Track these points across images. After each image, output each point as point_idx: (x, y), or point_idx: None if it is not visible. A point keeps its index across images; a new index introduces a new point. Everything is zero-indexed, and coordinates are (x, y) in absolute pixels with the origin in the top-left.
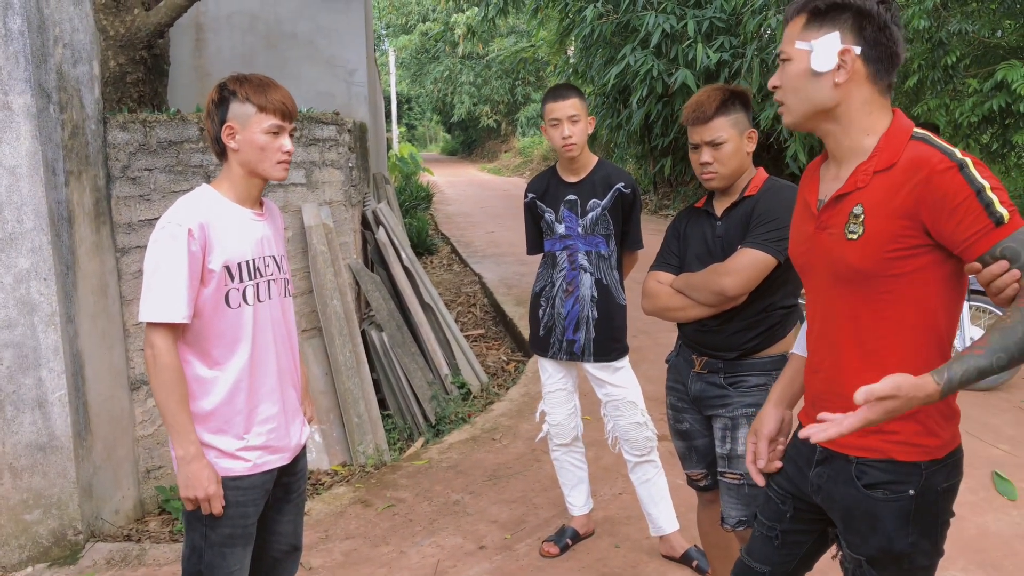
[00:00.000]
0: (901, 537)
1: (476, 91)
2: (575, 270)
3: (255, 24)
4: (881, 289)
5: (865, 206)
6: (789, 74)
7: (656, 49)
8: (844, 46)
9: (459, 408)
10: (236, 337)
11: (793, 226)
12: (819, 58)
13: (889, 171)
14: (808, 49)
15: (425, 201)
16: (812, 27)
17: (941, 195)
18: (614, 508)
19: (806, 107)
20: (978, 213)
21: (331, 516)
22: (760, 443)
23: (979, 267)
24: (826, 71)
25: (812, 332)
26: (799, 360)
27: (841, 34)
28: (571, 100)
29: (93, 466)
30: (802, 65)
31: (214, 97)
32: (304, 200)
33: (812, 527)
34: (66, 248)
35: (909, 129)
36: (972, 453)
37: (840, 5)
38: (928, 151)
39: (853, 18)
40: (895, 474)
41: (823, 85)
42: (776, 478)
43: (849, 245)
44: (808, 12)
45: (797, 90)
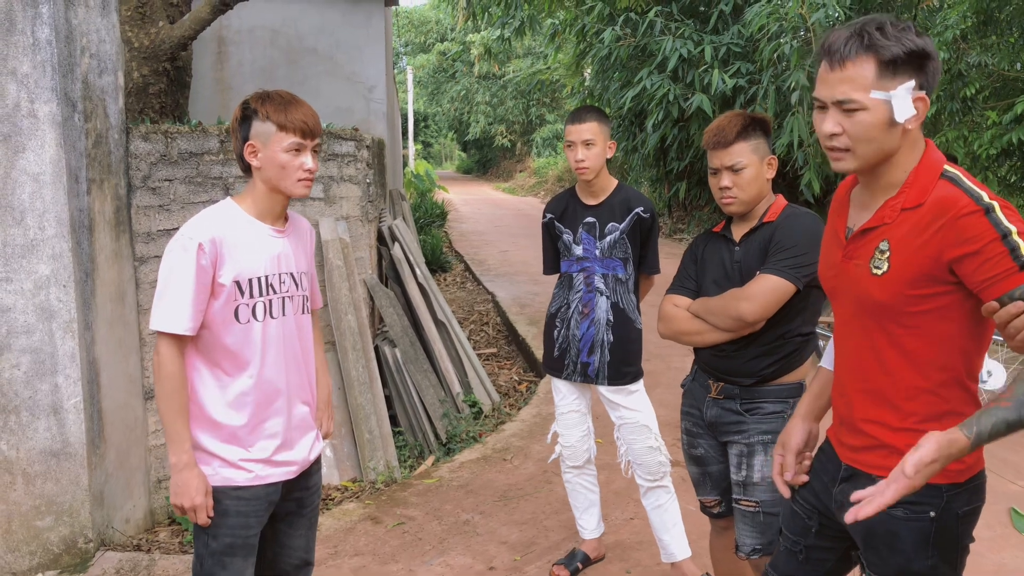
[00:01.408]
0: (920, 559)
1: (492, 111)
2: (591, 292)
3: (276, 39)
4: (904, 323)
5: (891, 242)
6: (864, 124)
7: (673, 73)
8: (919, 94)
9: (470, 427)
10: (244, 351)
11: (823, 248)
12: (900, 109)
13: (916, 210)
14: (886, 99)
15: (440, 218)
16: (887, 75)
17: (966, 237)
18: (626, 533)
19: (878, 157)
20: (1002, 256)
21: (340, 532)
22: (788, 456)
23: (996, 307)
24: (904, 120)
25: (840, 356)
26: (827, 373)
27: (916, 81)
28: (587, 124)
29: (105, 474)
30: (880, 116)
31: (237, 115)
32: (322, 214)
33: (836, 544)
34: (86, 256)
35: (940, 166)
36: (990, 489)
37: (916, 53)
38: (956, 193)
39: (921, 63)
40: (916, 495)
41: (896, 133)
42: (803, 492)
43: (874, 280)
44: (882, 59)
45: (872, 140)
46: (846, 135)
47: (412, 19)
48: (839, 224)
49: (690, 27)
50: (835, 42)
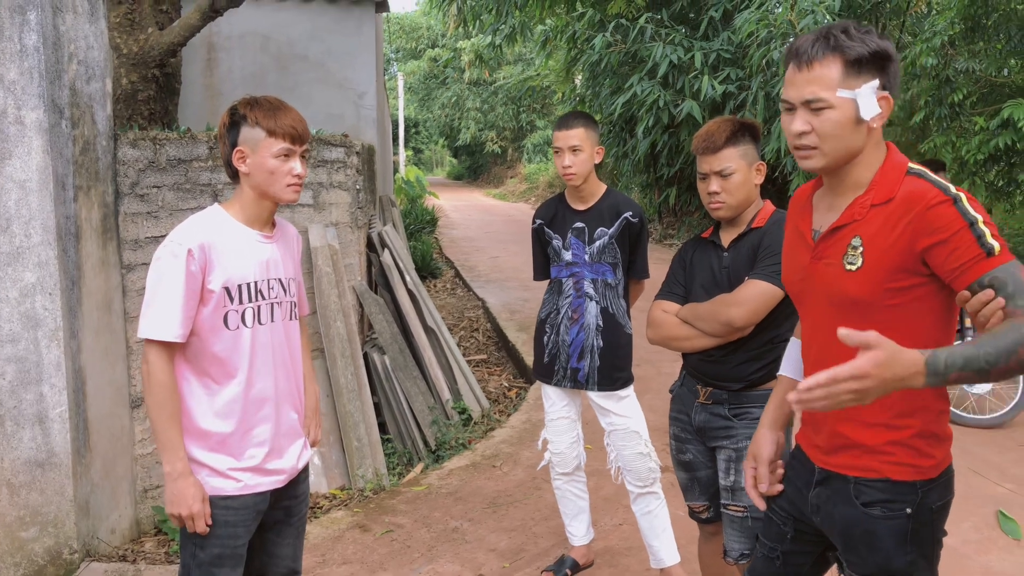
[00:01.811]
0: (899, 555)
1: (482, 117)
2: (580, 297)
3: (267, 45)
4: (878, 318)
5: (863, 238)
6: (831, 122)
7: (663, 80)
8: (883, 93)
9: (460, 434)
10: (233, 358)
11: (786, 254)
12: (865, 107)
13: (886, 205)
14: (852, 97)
15: (430, 225)
16: (852, 74)
17: (936, 227)
18: (615, 539)
19: (843, 154)
20: (970, 243)
21: (329, 540)
22: (760, 467)
23: (968, 295)
24: (870, 118)
25: (809, 358)
26: (788, 382)
27: (879, 80)
28: (575, 130)
29: (91, 484)
30: (847, 113)
31: (225, 121)
32: (311, 221)
33: (812, 548)
34: (72, 263)
35: (904, 164)
36: (977, 491)
37: (878, 53)
38: (924, 186)
39: (883, 63)
40: (891, 493)
41: (861, 131)
42: (778, 500)
43: (848, 276)
44: (847, 59)
45: (839, 138)
46: (814, 133)
47: (403, 25)
48: (804, 227)
49: (680, 33)
50: (802, 45)
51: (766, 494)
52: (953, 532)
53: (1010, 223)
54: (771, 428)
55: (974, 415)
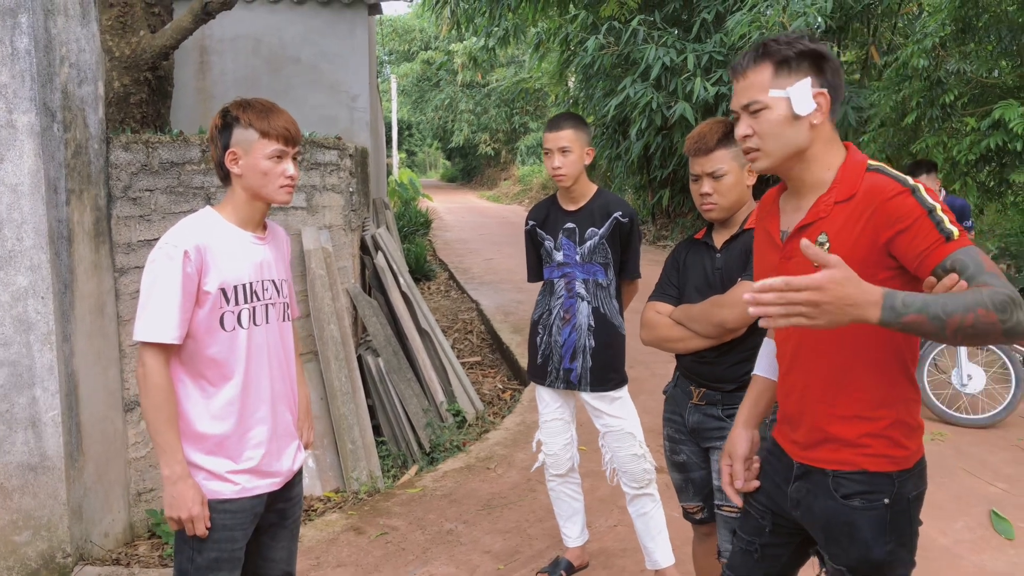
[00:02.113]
0: (879, 545)
1: (475, 119)
2: (572, 298)
3: (259, 48)
4: None
5: (829, 235)
6: (768, 121)
7: (656, 82)
8: (817, 90)
9: (454, 436)
10: (230, 360)
11: (757, 256)
12: (799, 103)
13: (849, 201)
14: (785, 96)
15: (424, 227)
16: (782, 75)
17: (897, 217)
18: (609, 540)
19: (786, 151)
20: (930, 229)
21: (323, 543)
22: (736, 464)
23: (934, 281)
24: (806, 114)
25: (783, 357)
26: (762, 381)
27: (811, 78)
28: (564, 132)
29: (84, 488)
30: (781, 112)
31: (217, 123)
32: (304, 224)
33: (790, 540)
34: (65, 267)
35: (864, 162)
36: (970, 491)
37: (806, 52)
38: (883, 180)
39: (816, 63)
40: (869, 484)
41: (801, 128)
42: (755, 495)
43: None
44: (775, 61)
45: (778, 136)
46: (756, 135)
47: (396, 28)
48: (773, 229)
49: (673, 35)
50: (739, 59)
51: (742, 490)
52: (946, 531)
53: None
54: (745, 426)
55: (967, 415)
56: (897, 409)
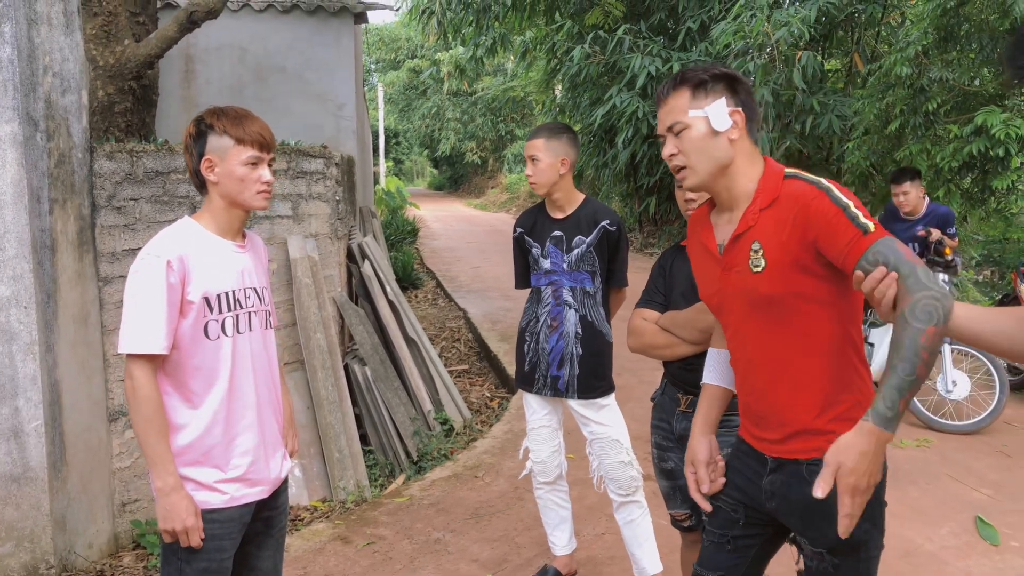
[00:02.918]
0: (857, 526)
1: (462, 127)
2: (559, 306)
3: (245, 57)
4: (795, 309)
5: (761, 241)
6: (690, 139)
7: (642, 91)
8: (731, 108)
9: (441, 444)
10: (214, 369)
11: (698, 272)
12: (716, 120)
13: (772, 207)
14: (703, 115)
15: (411, 235)
16: (699, 97)
17: (816, 217)
18: (597, 548)
19: (711, 165)
20: (847, 225)
21: (310, 552)
22: (699, 470)
23: (862, 275)
24: (724, 130)
25: (740, 362)
26: (713, 388)
27: (725, 99)
28: (533, 141)
29: (68, 498)
30: (700, 129)
31: (191, 131)
32: (290, 232)
33: (762, 531)
34: (48, 276)
35: (781, 171)
36: (955, 497)
37: (717, 75)
38: (800, 184)
39: (728, 85)
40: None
41: (721, 144)
42: (726, 490)
43: (756, 277)
44: (692, 85)
45: (701, 151)
46: (681, 154)
47: (382, 36)
48: (709, 244)
49: (658, 44)
50: (661, 89)
51: (708, 493)
52: (932, 537)
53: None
54: (703, 433)
55: (952, 421)
56: (854, 391)
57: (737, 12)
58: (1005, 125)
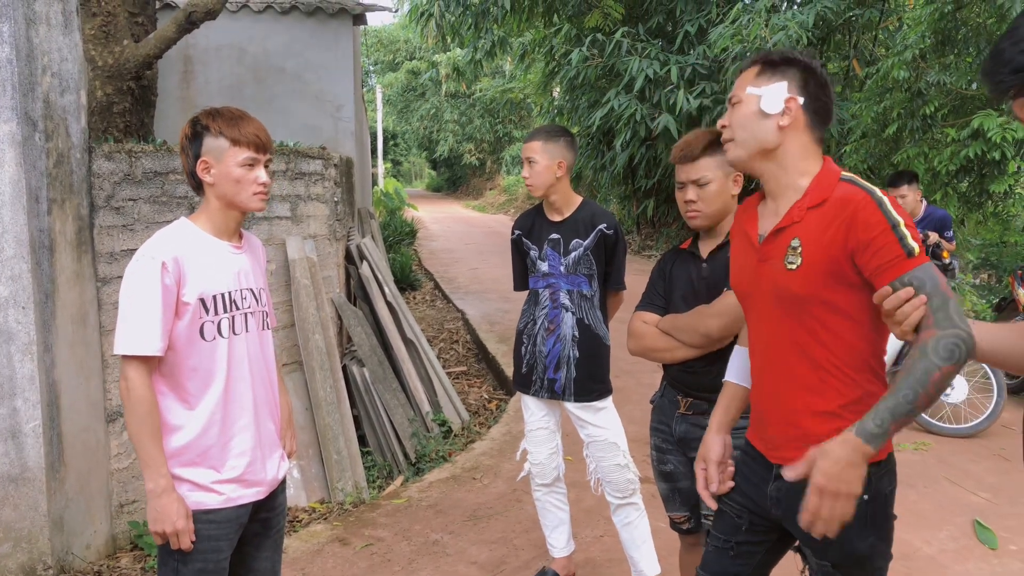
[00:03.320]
0: (861, 539)
1: (460, 129)
2: (556, 308)
3: (243, 58)
4: (820, 313)
5: (801, 239)
6: (739, 114)
7: (640, 94)
8: (790, 95)
9: (440, 446)
10: (211, 370)
11: (734, 257)
12: (768, 101)
13: (821, 207)
14: (758, 94)
15: (409, 237)
16: (764, 76)
17: (863, 226)
18: (595, 550)
19: (752, 143)
20: (893, 243)
21: (308, 554)
22: (710, 468)
23: (889, 291)
24: (773, 113)
25: (756, 357)
26: (733, 387)
27: (788, 84)
28: (530, 143)
29: (65, 499)
30: (752, 107)
31: (187, 132)
32: (289, 233)
33: (766, 537)
34: (46, 277)
35: (838, 173)
36: (953, 501)
37: (790, 60)
38: (854, 190)
39: (800, 73)
40: None
41: (769, 126)
42: (731, 495)
43: (789, 274)
44: (761, 63)
45: (745, 127)
46: (730, 126)
47: (381, 38)
48: (751, 232)
49: (656, 47)
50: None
51: (716, 493)
52: (930, 541)
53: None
54: (718, 431)
55: (950, 425)
56: (867, 403)
57: (735, 16)
58: (1002, 129)
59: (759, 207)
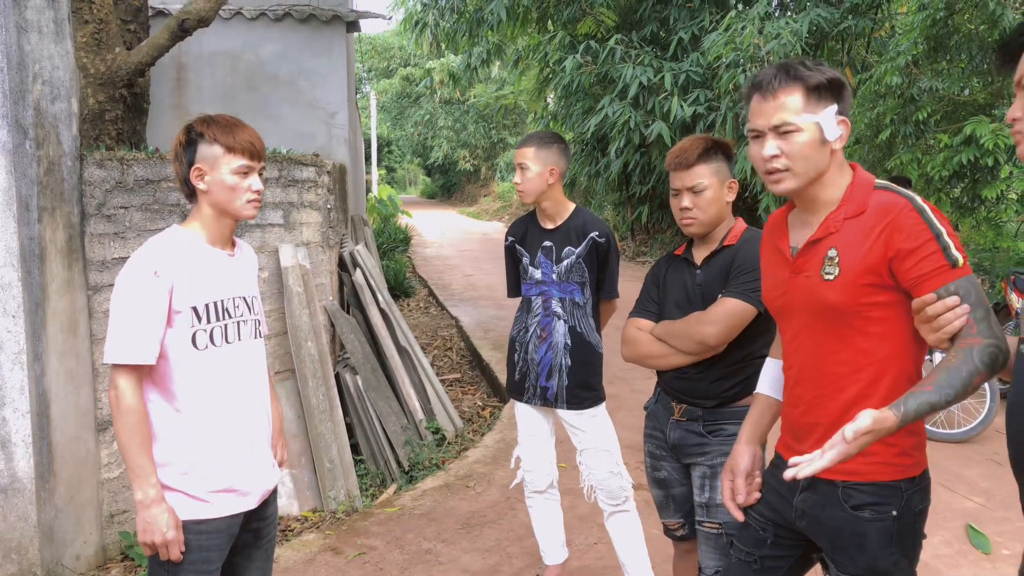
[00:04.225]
0: (886, 555)
1: (455, 135)
2: (549, 316)
3: (237, 65)
4: (858, 325)
5: (839, 249)
6: (799, 143)
7: (634, 101)
8: (840, 117)
9: (433, 454)
10: (203, 379)
11: (765, 272)
12: (829, 129)
13: (859, 217)
14: (817, 120)
15: (403, 243)
16: (813, 100)
17: (906, 235)
18: (589, 558)
19: (813, 174)
20: (937, 253)
21: (300, 563)
22: (738, 479)
23: (934, 298)
24: (833, 139)
25: (791, 370)
26: (765, 399)
27: (839, 106)
28: (523, 149)
29: (55, 509)
30: (813, 135)
31: (181, 139)
32: (281, 241)
33: (791, 551)
34: (36, 285)
35: (872, 181)
36: (946, 505)
37: (834, 80)
38: (894, 197)
39: (839, 91)
40: (879, 496)
41: (826, 153)
42: (756, 507)
43: (827, 285)
44: (808, 86)
45: (808, 158)
46: (784, 156)
47: (375, 45)
48: (783, 245)
49: (650, 54)
50: (764, 78)
51: (743, 504)
52: (924, 546)
53: (975, 238)
54: (749, 443)
55: (943, 429)
56: None
57: (728, 23)
58: (994, 135)
59: (788, 219)
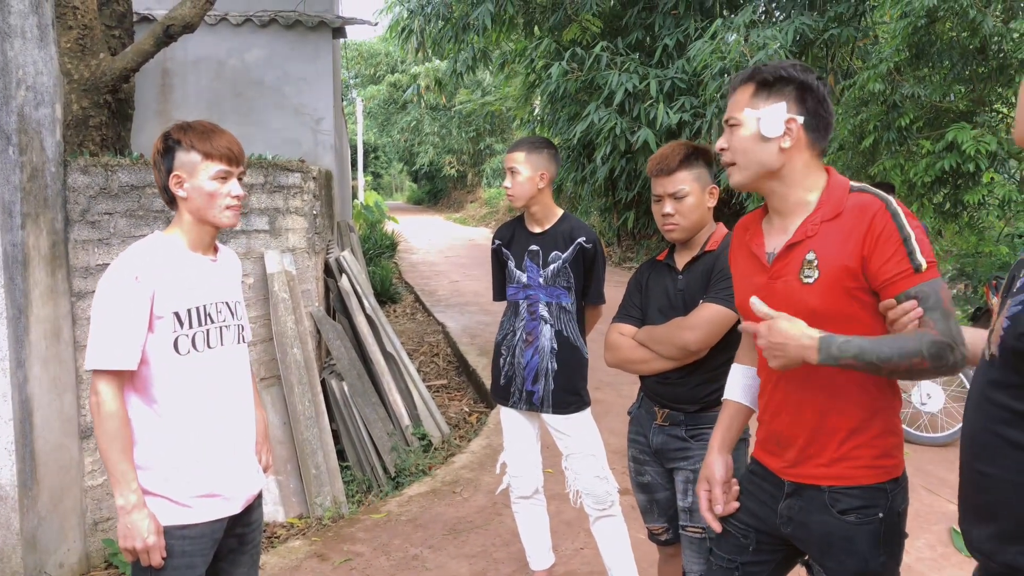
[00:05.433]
0: (874, 557)
1: (441, 141)
2: (535, 320)
3: (222, 71)
4: (838, 327)
5: (817, 252)
6: (739, 137)
7: (619, 107)
8: (789, 116)
9: (420, 460)
10: (185, 384)
11: (740, 278)
12: (768, 125)
13: (837, 219)
14: (757, 116)
15: (389, 249)
16: (760, 96)
17: (878, 235)
18: (576, 563)
19: (755, 168)
20: (902, 256)
21: (286, 570)
22: (715, 489)
23: (893, 303)
24: (774, 137)
25: (770, 376)
26: (735, 406)
27: (787, 104)
28: (514, 153)
29: (38, 517)
30: (751, 130)
31: (159, 147)
32: (267, 247)
33: (773, 557)
34: (19, 291)
35: (847, 183)
36: (930, 509)
37: (785, 78)
38: (869, 198)
39: (797, 91)
40: (865, 499)
41: (770, 149)
42: (736, 515)
43: (806, 289)
44: (756, 83)
45: (747, 152)
46: (730, 150)
47: (361, 51)
48: (757, 250)
49: (635, 61)
50: (734, 78)
51: (722, 514)
52: (908, 549)
53: (959, 243)
54: (720, 451)
55: (927, 433)
56: (884, 417)
57: (714, 31)
58: (975, 141)
59: (763, 224)
